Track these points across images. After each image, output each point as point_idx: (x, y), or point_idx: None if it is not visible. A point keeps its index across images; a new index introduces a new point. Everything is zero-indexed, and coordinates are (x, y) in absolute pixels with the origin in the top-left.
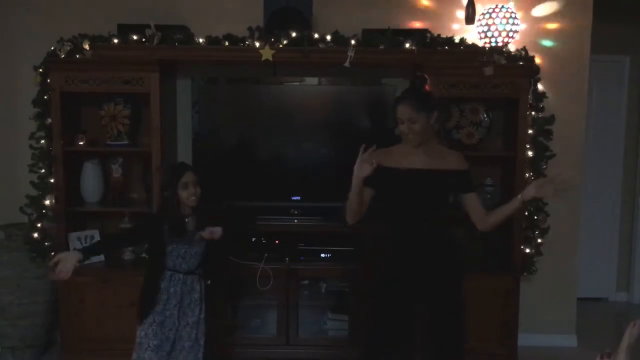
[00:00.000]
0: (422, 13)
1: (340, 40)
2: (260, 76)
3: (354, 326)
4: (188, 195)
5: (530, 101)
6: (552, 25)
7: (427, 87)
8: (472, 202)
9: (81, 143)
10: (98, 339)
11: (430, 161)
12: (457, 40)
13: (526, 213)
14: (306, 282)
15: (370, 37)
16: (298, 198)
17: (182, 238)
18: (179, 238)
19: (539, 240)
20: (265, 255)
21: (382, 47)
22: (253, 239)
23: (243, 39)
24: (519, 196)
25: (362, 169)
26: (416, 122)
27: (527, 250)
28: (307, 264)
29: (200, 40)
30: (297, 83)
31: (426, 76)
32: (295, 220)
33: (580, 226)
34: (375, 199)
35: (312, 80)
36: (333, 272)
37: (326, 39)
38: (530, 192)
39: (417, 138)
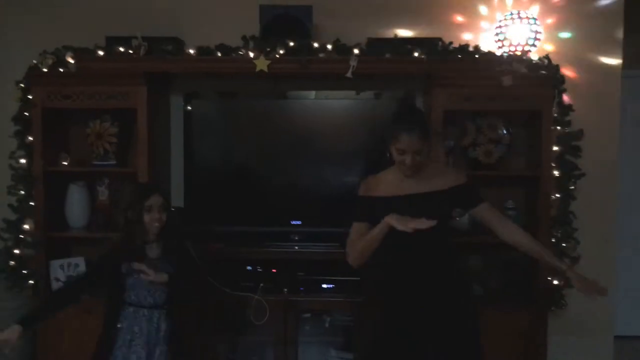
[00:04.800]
0: (434, 22)
1: (342, 49)
2: (259, 91)
3: None
4: (151, 220)
5: (555, 114)
6: (579, 34)
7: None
8: (486, 213)
9: (65, 163)
10: None
11: (423, 184)
12: (471, 48)
13: (552, 240)
14: (307, 315)
15: (375, 46)
16: (299, 222)
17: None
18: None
19: None
20: (261, 285)
21: (387, 55)
22: (248, 267)
23: (237, 49)
24: (565, 267)
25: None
26: (421, 153)
27: (555, 282)
28: (307, 295)
29: (192, 51)
30: (297, 100)
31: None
32: (296, 247)
33: (616, 254)
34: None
35: (311, 95)
36: (337, 305)
37: (327, 48)
38: (576, 281)
39: (417, 169)
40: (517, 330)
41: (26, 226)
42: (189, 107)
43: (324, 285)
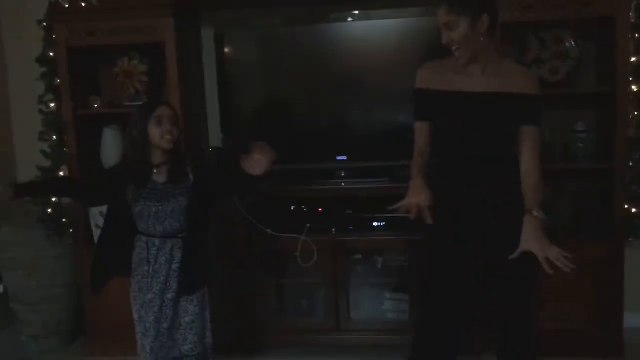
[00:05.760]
0: None
1: None
2: (297, 20)
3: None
4: (162, 133)
5: (633, 20)
6: None
7: None
8: (528, 137)
9: (96, 106)
10: (127, 323)
11: (489, 80)
12: None
13: (630, 163)
14: (359, 256)
15: None
16: (344, 158)
17: (145, 189)
18: (141, 190)
19: None
20: (307, 225)
21: None
22: (291, 207)
23: None
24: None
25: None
26: (455, 28)
27: (633, 210)
28: (357, 235)
29: None
30: (339, 22)
31: None
32: (343, 184)
33: None
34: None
35: (352, 17)
36: (390, 244)
37: None
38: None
39: (460, 51)
40: (590, 263)
41: (61, 173)
42: (222, 41)
43: (375, 224)
